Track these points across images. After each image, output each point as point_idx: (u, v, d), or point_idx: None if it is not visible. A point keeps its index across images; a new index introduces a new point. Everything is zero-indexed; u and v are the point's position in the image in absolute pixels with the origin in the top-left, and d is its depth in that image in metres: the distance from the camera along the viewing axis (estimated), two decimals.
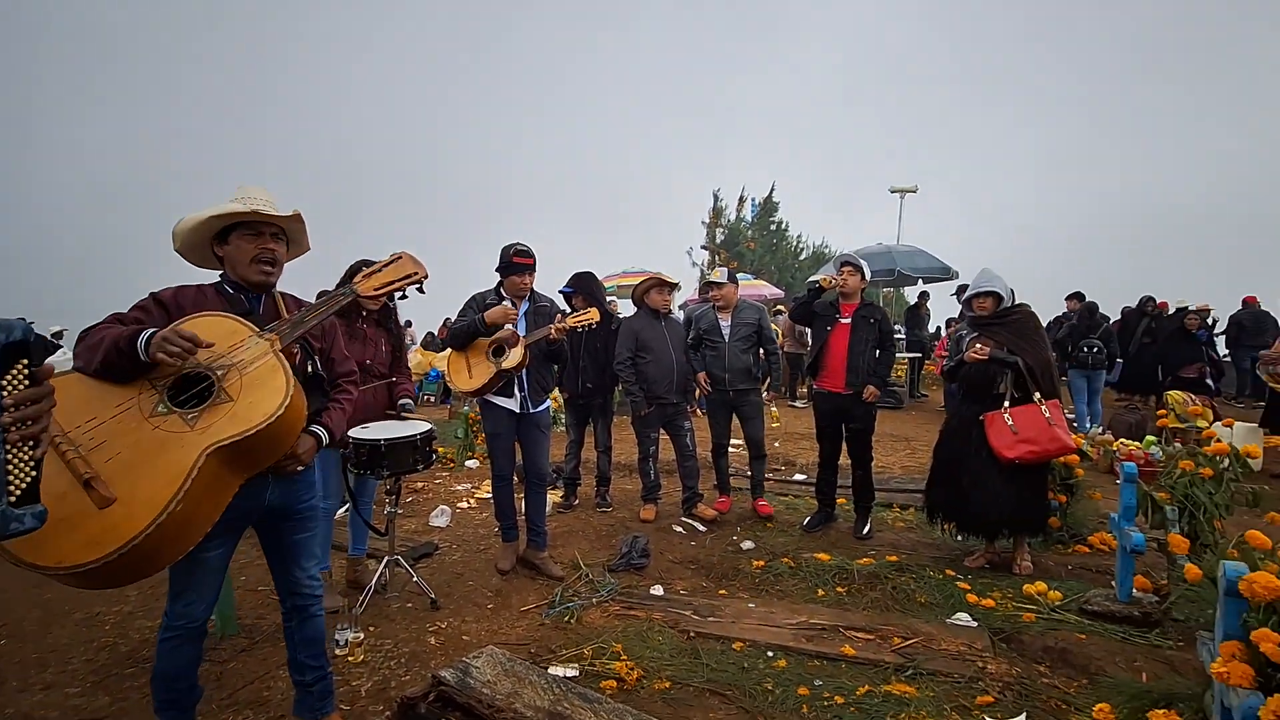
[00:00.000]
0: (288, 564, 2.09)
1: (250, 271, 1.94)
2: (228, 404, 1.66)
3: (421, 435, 2.98)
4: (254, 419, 1.64)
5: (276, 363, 1.75)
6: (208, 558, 1.86)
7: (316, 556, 2.16)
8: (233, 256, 1.94)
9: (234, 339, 1.76)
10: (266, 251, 1.94)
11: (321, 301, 2.02)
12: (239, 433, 1.62)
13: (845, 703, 2.35)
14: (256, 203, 1.94)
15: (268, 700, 2.39)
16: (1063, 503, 3.88)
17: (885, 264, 10.37)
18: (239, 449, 1.64)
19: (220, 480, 1.66)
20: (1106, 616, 2.90)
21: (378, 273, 2.15)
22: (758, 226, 19.76)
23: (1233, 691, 1.71)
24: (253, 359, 1.74)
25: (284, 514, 2.02)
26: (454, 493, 5.27)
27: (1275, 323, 9.47)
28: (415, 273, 2.18)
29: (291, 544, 2.07)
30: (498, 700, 2.20)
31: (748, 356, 4.39)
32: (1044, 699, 2.37)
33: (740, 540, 4.07)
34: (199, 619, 1.91)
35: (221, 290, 1.97)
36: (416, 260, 2.20)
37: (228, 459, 1.64)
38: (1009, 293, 3.52)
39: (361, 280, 2.12)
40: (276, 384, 1.71)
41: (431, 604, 3.15)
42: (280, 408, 1.66)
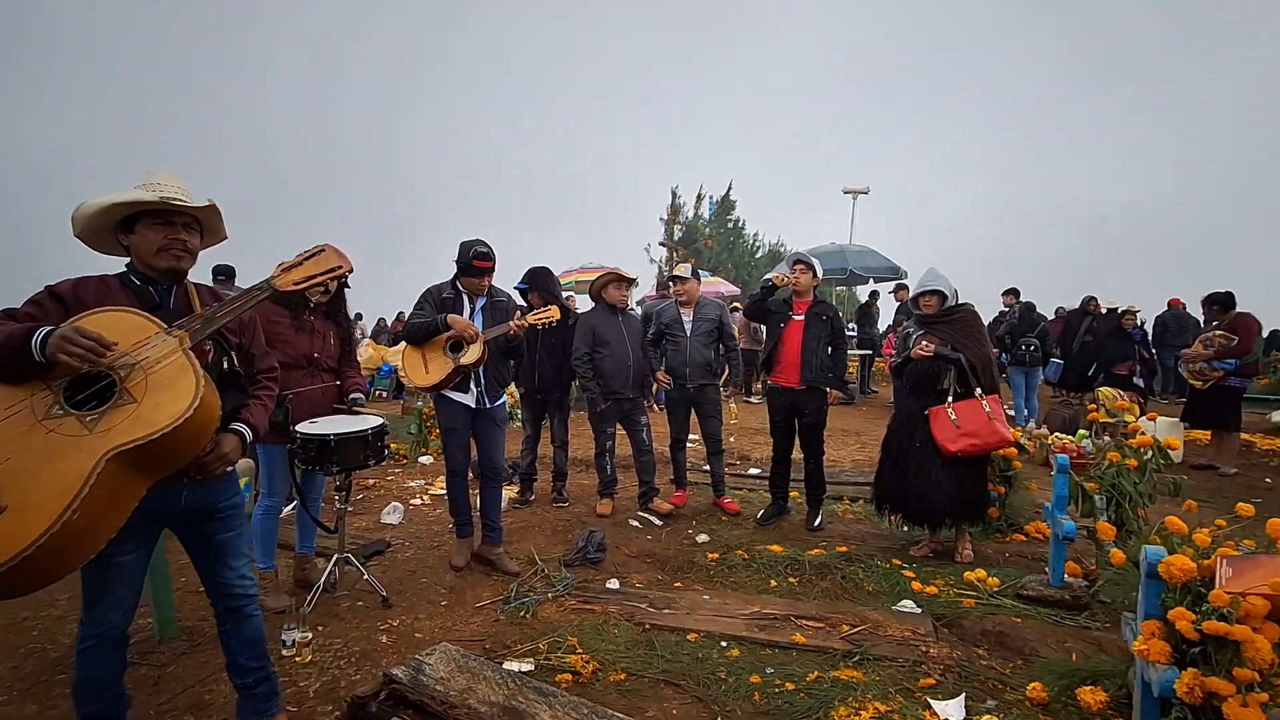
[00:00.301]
0: (214, 565, 1.98)
1: (159, 260, 1.82)
2: (131, 405, 1.55)
3: (373, 430, 2.91)
4: (159, 422, 1.53)
5: (185, 362, 1.64)
6: (121, 562, 1.76)
7: (245, 555, 2.05)
8: (139, 246, 1.82)
9: (138, 336, 1.64)
10: (176, 242, 1.83)
11: (237, 296, 1.88)
12: (143, 437, 1.51)
13: (796, 689, 2.41)
14: (166, 190, 1.81)
15: (209, 704, 2.31)
16: (1001, 493, 4.06)
17: (838, 263, 10.62)
18: (144, 453, 1.53)
19: (125, 485, 1.56)
20: (1040, 601, 3.05)
21: (298, 266, 2.01)
22: (715, 224, 19.97)
23: (1152, 667, 1.83)
24: (159, 357, 1.62)
25: (204, 514, 1.92)
26: (407, 489, 5.18)
27: (1196, 323, 10.08)
28: (339, 266, 2.06)
29: (217, 544, 1.96)
30: (451, 697, 2.19)
31: (708, 352, 4.45)
32: (982, 680, 2.48)
33: (696, 534, 4.12)
34: (118, 626, 1.81)
35: (127, 282, 1.84)
36: (340, 253, 2.08)
37: (132, 463, 1.54)
38: (953, 292, 3.66)
39: (280, 274, 1.97)
40: (185, 384, 1.60)
41: (383, 602, 3.09)
42: (189, 410, 1.56)
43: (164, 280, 1.87)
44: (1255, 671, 1.59)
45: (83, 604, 1.79)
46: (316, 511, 3.21)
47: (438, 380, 3.27)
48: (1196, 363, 5.80)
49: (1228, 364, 5.64)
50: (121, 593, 1.79)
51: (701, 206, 20.21)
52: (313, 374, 3.05)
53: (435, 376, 3.28)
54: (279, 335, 2.95)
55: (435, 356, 3.32)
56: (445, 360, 3.28)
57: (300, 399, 2.98)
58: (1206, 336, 5.80)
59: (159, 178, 1.85)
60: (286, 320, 3.00)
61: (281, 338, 2.95)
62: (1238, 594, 1.67)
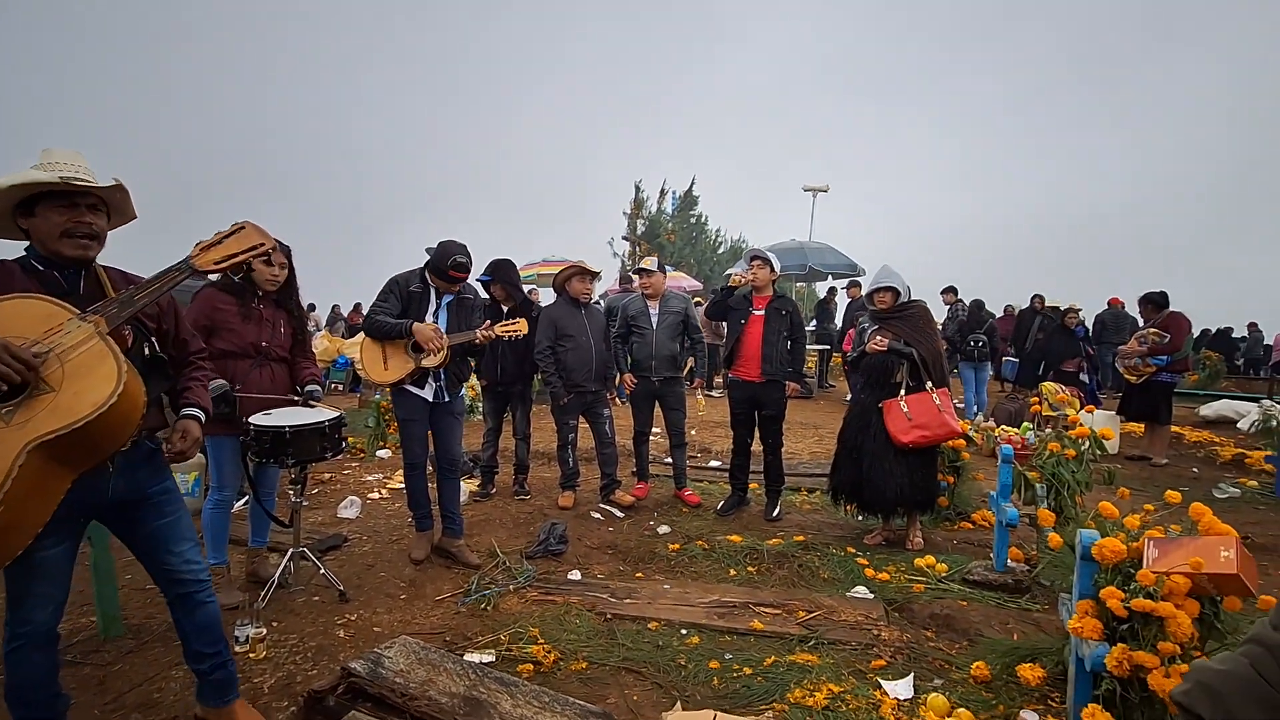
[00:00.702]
0: (156, 552, 1.91)
1: (63, 246, 1.72)
2: (48, 395, 1.49)
3: (330, 422, 2.86)
4: (80, 410, 1.48)
5: (104, 348, 1.57)
6: (45, 557, 1.69)
7: (189, 540, 1.97)
8: (40, 230, 1.72)
9: (50, 323, 1.57)
10: (82, 225, 1.73)
11: (154, 278, 1.79)
12: (64, 426, 1.46)
13: (753, 673, 2.47)
14: (66, 169, 1.71)
15: (158, 702, 2.25)
16: (950, 483, 4.21)
17: (798, 260, 10.80)
18: (67, 443, 1.48)
19: (48, 477, 1.50)
20: (985, 585, 3.19)
21: (218, 245, 1.92)
22: (678, 219, 20.05)
23: (1085, 644, 1.94)
24: (75, 344, 1.55)
25: (135, 504, 1.86)
26: (364, 483, 5.09)
27: (1134, 322, 10.59)
28: (260, 244, 1.97)
29: (154, 532, 1.90)
30: (411, 689, 2.18)
31: (674, 345, 4.50)
32: (930, 660, 2.59)
33: (657, 525, 4.17)
34: (45, 624, 1.75)
35: (29, 267, 1.74)
36: (261, 230, 2.00)
37: (55, 454, 1.48)
38: (905, 288, 3.78)
39: (199, 253, 1.88)
40: (105, 371, 1.54)
41: (340, 596, 3.04)
42: (112, 396, 1.50)
43: (70, 265, 1.77)
44: (1177, 645, 1.71)
45: (6, 604, 1.72)
46: (271, 505, 3.14)
47: (396, 379, 3.25)
48: (1132, 358, 6.11)
49: (1160, 360, 5.96)
50: (47, 589, 1.73)
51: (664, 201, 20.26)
52: (261, 363, 2.97)
53: (394, 375, 3.25)
54: (225, 323, 2.87)
55: (396, 354, 3.28)
56: (406, 360, 3.25)
57: (249, 389, 2.90)
58: (1141, 334, 6.12)
59: (57, 156, 1.75)
60: (233, 308, 2.90)
61: (228, 325, 2.87)
62: (1163, 573, 1.78)
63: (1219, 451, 6.36)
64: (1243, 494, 5.12)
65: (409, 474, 3.51)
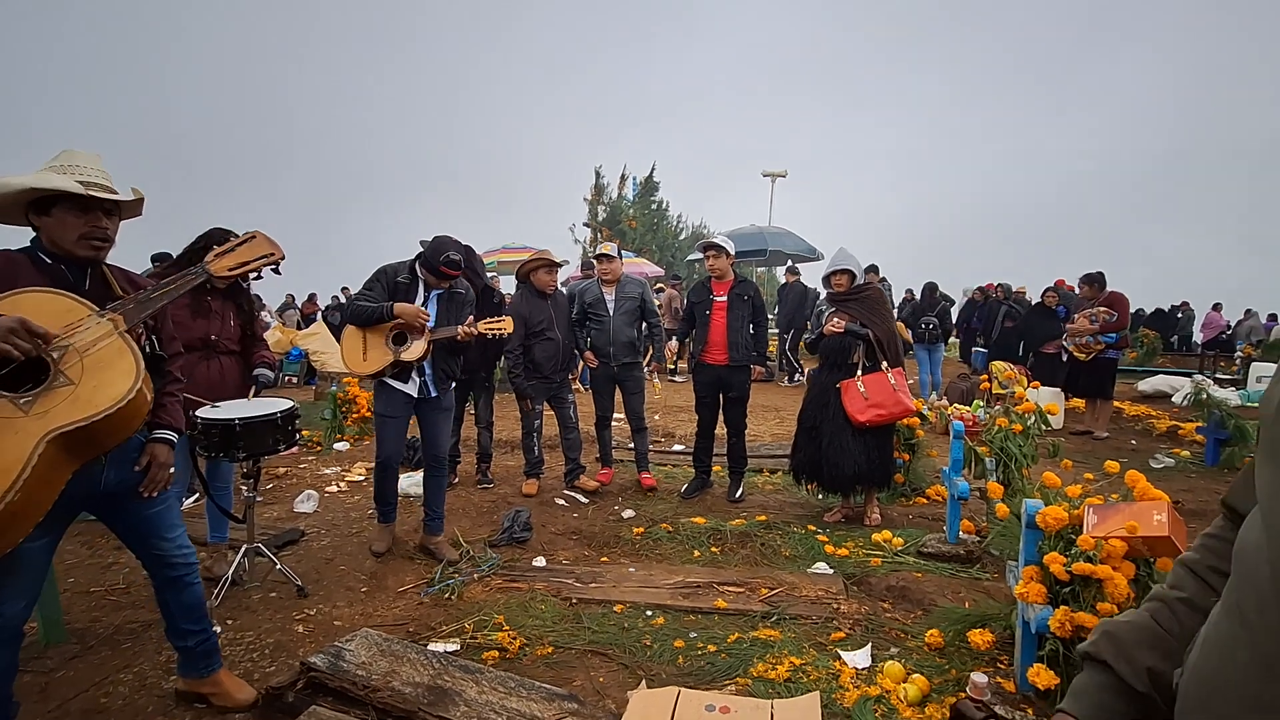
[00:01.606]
0: (149, 539, 1.97)
1: (77, 248, 1.76)
2: (68, 388, 1.56)
3: (282, 413, 2.78)
4: (100, 404, 1.55)
5: (123, 344, 1.66)
6: (29, 549, 1.67)
7: (179, 526, 2.05)
8: (54, 230, 1.74)
9: (69, 318, 1.64)
10: (98, 230, 1.78)
11: (171, 280, 1.90)
12: (85, 418, 1.53)
13: (717, 650, 2.52)
14: (87, 173, 1.74)
15: (106, 708, 2.17)
16: (906, 460, 4.34)
17: (757, 244, 10.89)
18: (83, 435, 1.55)
19: (56, 469, 1.55)
20: (939, 557, 3.30)
21: (231, 252, 2.08)
22: (639, 205, 19.99)
23: (1030, 608, 2.03)
24: (94, 340, 1.63)
25: (126, 494, 1.89)
26: (322, 476, 4.97)
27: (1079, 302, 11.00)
28: (271, 253, 2.14)
29: (147, 520, 1.95)
30: (374, 680, 2.15)
31: (632, 330, 4.49)
32: (887, 630, 2.67)
33: (622, 510, 4.19)
34: (15, 619, 1.72)
35: (38, 260, 1.75)
36: (271, 240, 2.16)
37: (68, 445, 1.55)
38: (860, 270, 3.85)
39: (214, 260, 2.05)
40: (125, 366, 1.63)
41: (298, 592, 2.98)
42: (131, 391, 1.59)
43: (80, 263, 1.81)
44: (1115, 605, 1.80)
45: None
46: (227, 501, 3.04)
47: (374, 370, 3.12)
48: (1083, 336, 6.32)
49: (1110, 337, 6.21)
50: (24, 581, 1.73)
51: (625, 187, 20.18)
52: (208, 356, 2.87)
53: (372, 366, 3.12)
54: (175, 318, 2.75)
55: (376, 345, 3.14)
56: (385, 352, 3.12)
57: (198, 382, 2.80)
58: (1091, 312, 6.33)
59: (78, 159, 1.78)
60: (182, 301, 2.80)
61: (175, 320, 2.75)
62: (1101, 538, 1.87)
63: (1155, 424, 6.69)
64: (1176, 463, 5.42)
65: (379, 473, 3.36)
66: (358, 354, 3.15)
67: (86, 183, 1.73)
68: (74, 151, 1.81)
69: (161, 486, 1.93)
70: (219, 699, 2.14)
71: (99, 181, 1.77)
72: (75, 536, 3.56)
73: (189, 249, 2.79)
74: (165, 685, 2.26)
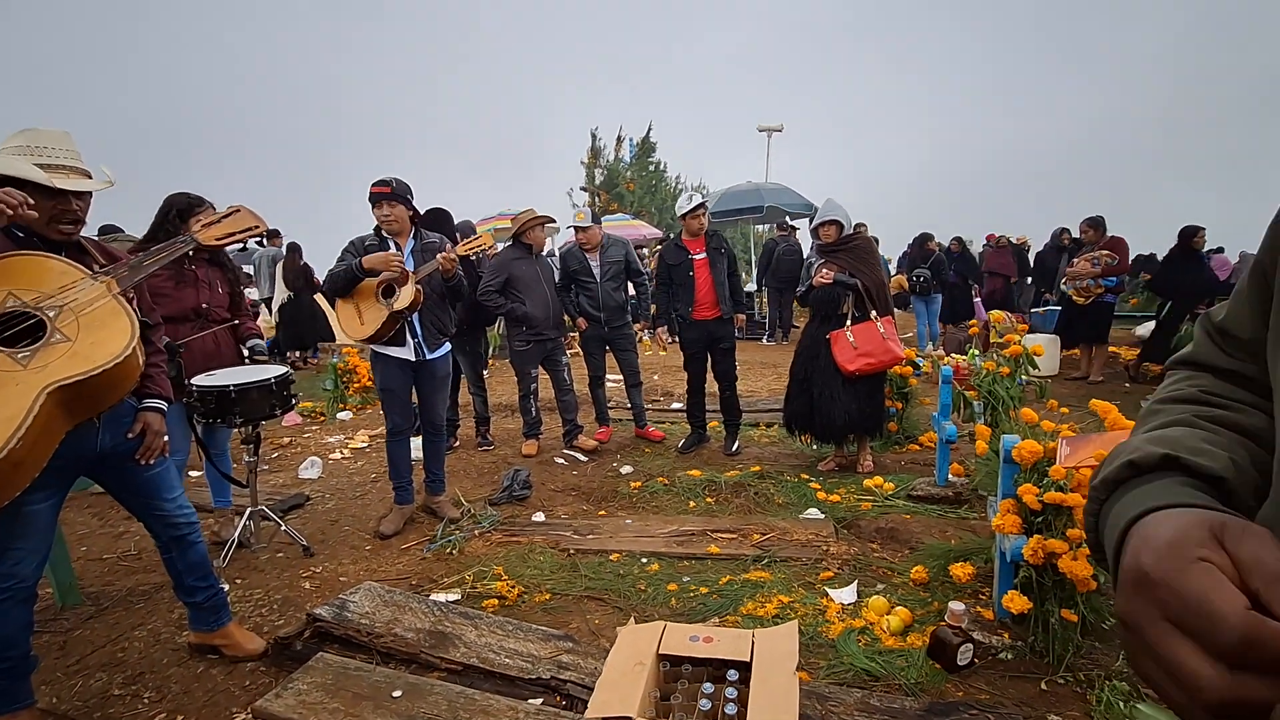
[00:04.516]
0: (149, 500, 2.04)
1: (49, 231, 1.78)
2: (65, 344, 1.62)
3: (276, 378, 2.83)
4: (98, 359, 1.61)
5: (117, 305, 1.72)
6: (34, 510, 1.74)
7: (178, 486, 2.13)
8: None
9: (64, 280, 1.69)
10: (68, 213, 1.79)
11: (161, 248, 1.97)
12: (82, 372, 1.58)
13: (709, 592, 2.61)
14: (54, 155, 1.74)
15: (123, 661, 2.28)
16: (899, 409, 4.39)
17: (754, 201, 10.77)
18: (80, 390, 1.60)
19: (54, 422, 1.60)
20: (928, 499, 3.37)
21: (217, 224, 2.17)
22: (636, 167, 19.70)
23: (1006, 538, 2.09)
24: (89, 300, 1.69)
25: (124, 456, 1.95)
26: (325, 445, 5.06)
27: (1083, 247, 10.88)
28: (255, 225, 2.23)
29: (145, 481, 2.02)
30: (377, 628, 2.25)
31: (620, 294, 4.52)
32: (874, 569, 2.75)
33: (620, 466, 4.26)
34: (29, 579, 1.79)
35: (12, 235, 1.75)
36: (254, 214, 2.25)
37: (65, 400, 1.60)
38: (849, 221, 3.83)
39: (201, 230, 2.13)
40: (120, 325, 1.69)
41: (304, 551, 3.07)
42: (127, 348, 1.65)
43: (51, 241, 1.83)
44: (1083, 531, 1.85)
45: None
46: (226, 466, 3.11)
47: (375, 330, 3.06)
48: (1084, 279, 6.23)
49: (1111, 281, 6.13)
50: (33, 542, 1.78)
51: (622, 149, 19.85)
52: (202, 326, 2.89)
53: (371, 327, 3.07)
54: (160, 289, 2.77)
55: (369, 305, 3.10)
56: (379, 308, 3.06)
57: (194, 352, 2.84)
58: (1093, 255, 6.21)
59: (43, 138, 1.76)
60: (166, 272, 2.81)
61: (162, 291, 2.77)
62: (1073, 468, 1.92)
63: (1149, 368, 6.70)
64: None
65: (391, 440, 3.37)
66: (355, 321, 3.13)
67: (51, 166, 1.71)
68: (39, 130, 1.77)
69: (158, 452, 1.99)
70: (230, 649, 2.24)
71: (66, 164, 1.75)
72: (86, 509, 3.67)
73: (159, 220, 2.79)
74: (178, 639, 2.37)
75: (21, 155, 1.71)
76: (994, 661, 2.07)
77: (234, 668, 2.22)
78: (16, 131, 1.79)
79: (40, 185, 1.69)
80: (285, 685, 1.97)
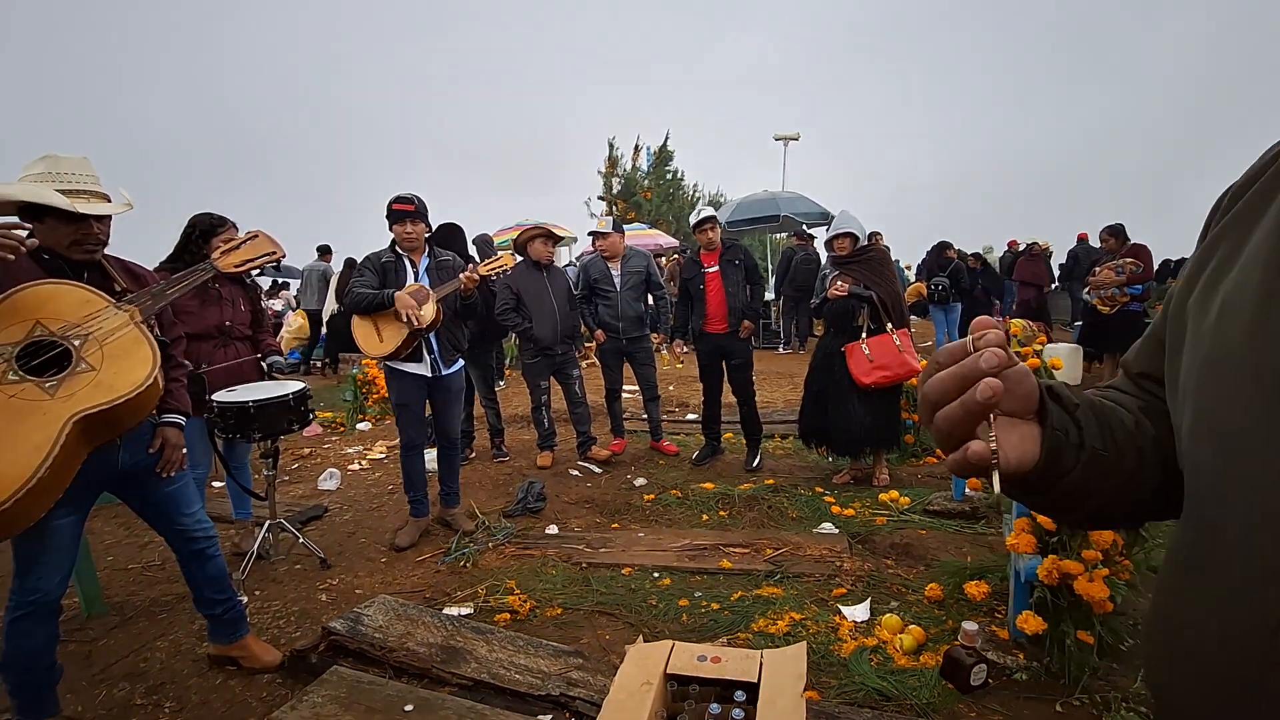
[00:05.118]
0: (168, 515, 2.09)
1: (71, 252, 1.85)
2: (90, 373, 1.67)
3: (294, 394, 2.89)
4: (122, 389, 1.66)
5: (139, 334, 1.77)
6: (57, 526, 1.80)
7: (198, 502, 2.18)
8: (47, 236, 1.80)
9: (89, 309, 1.74)
10: (90, 237, 1.86)
11: (182, 275, 2.04)
12: (107, 401, 1.63)
13: (720, 608, 2.60)
14: (74, 180, 1.81)
15: (145, 671, 2.33)
16: (916, 421, 4.33)
17: (770, 210, 10.75)
18: (104, 417, 1.64)
19: (78, 449, 1.65)
20: (944, 514, 3.33)
21: (237, 249, 2.23)
22: (654, 176, 19.77)
23: (1021, 558, 2.06)
24: (112, 330, 1.74)
25: (143, 473, 2.00)
26: (344, 456, 5.13)
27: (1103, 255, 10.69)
28: (274, 251, 2.29)
29: (163, 498, 2.07)
30: (390, 642, 2.28)
31: (639, 304, 4.54)
32: (888, 585, 2.72)
33: (634, 478, 4.27)
34: (53, 593, 1.84)
35: (37, 256, 1.81)
36: (273, 239, 2.31)
37: (89, 427, 1.65)
38: (863, 233, 3.82)
39: (220, 256, 2.19)
40: (142, 354, 1.74)
41: (321, 563, 3.12)
42: (149, 377, 1.70)
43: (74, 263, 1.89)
44: (1099, 552, 1.82)
45: (15, 574, 1.81)
46: (247, 480, 3.18)
47: (394, 348, 3.12)
48: (1108, 288, 6.11)
49: (1136, 289, 6.01)
50: (57, 558, 1.83)
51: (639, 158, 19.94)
52: (225, 343, 2.97)
53: (390, 345, 3.13)
54: (184, 307, 2.84)
55: (388, 324, 3.15)
56: (399, 327, 3.12)
57: (216, 369, 2.91)
58: (1118, 264, 6.10)
59: (63, 165, 1.83)
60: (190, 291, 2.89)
61: (187, 309, 2.84)
62: None
63: None
64: None
65: (405, 455, 3.40)
66: (373, 339, 3.18)
67: (73, 191, 1.78)
68: (59, 157, 1.83)
69: (177, 466, 2.05)
70: (248, 661, 2.29)
71: (86, 189, 1.82)
72: (112, 519, 3.76)
73: (184, 240, 2.88)
74: (198, 651, 2.42)
75: (44, 181, 1.78)
76: (1008, 682, 2.03)
77: (251, 679, 2.26)
78: (37, 159, 1.85)
79: (63, 210, 1.76)
80: (300, 698, 2.00)
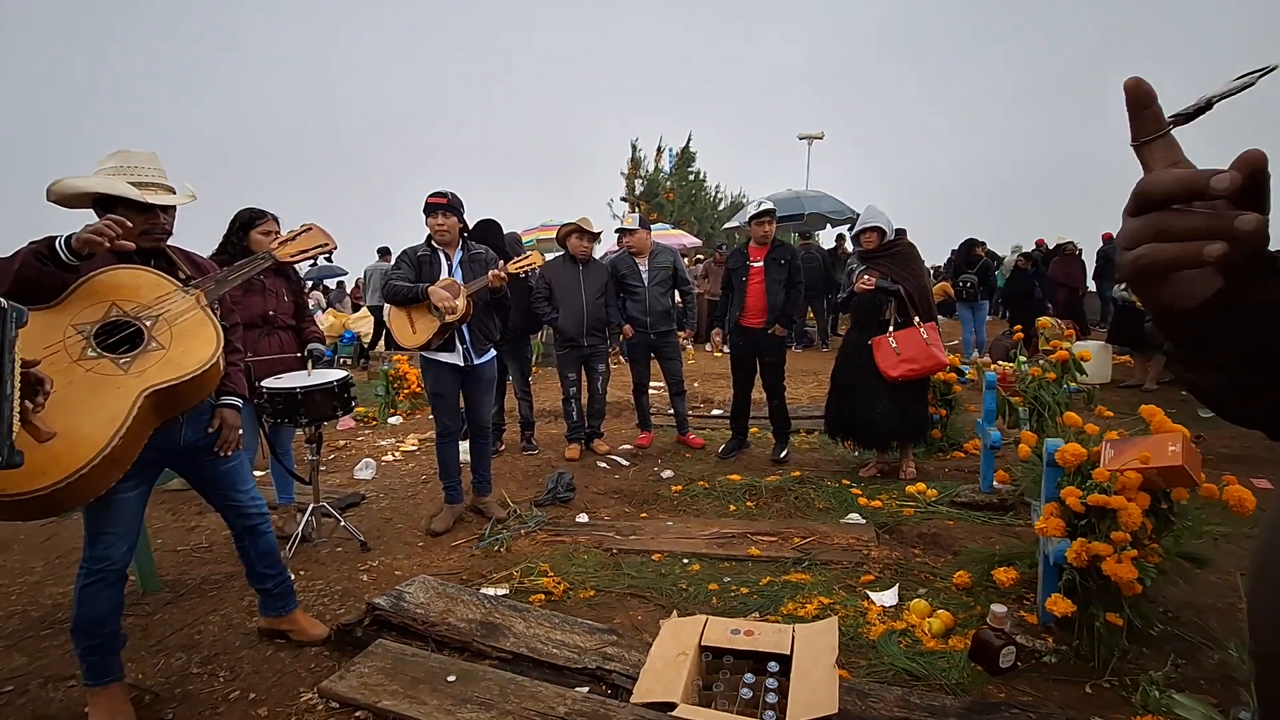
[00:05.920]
0: (225, 492, 2.21)
1: (140, 241, 1.96)
2: (159, 351, 1.79)
3: (339, 382, 3.00)
4: (188, 366, 1.78)
5: (205, 316, 1.89)
6: (124, 499, 1.91)
7: (251, 480, 2.30)
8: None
9: (159, 292, 1.87)
10: (158, 228, 1.98)
11: (244, 263, 2.17)
12: (176, 378, 1.75)
13: (749, 592, 2.65)
14: (144, 174, 1.93)
15: (199, 643, 2.45)
16: (943, 416, 4.34)
17: (794, 208, 10.74)
18: (173, 394, 1.77)
19: (147, 422, 1.77)
20: (972, 506, 3.34)
21: (292, 241, 2.35)
22: (676, 177, 19.82)
23: (1050, 542, 2.09)
24: (180, 312, 1.86)
25: (204, 450, 2.11)
26: (378, 447, 5.27)
27: None
28: (326, 243, 2.40)
29: (220, 475, 2.18)
30: (432, 617, 2.37)
31: (666, 299, 4.62)
32: (916, 573, 2.75)
33: (661, 470, 4.33)
34: (119, 562, 1.95)
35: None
36: (325, 231, 2.42)
37: (158, 403, 1.76)
38: (890, 227, 3.84)
39: (278, 247, 2.31)
40: (208, 335, 1.86)
41: (362, 546, 3.23)
42: (214, 357, 1.82)
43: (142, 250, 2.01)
44: (1128, 534, 1.85)
45: (86, 541, 1.93)
46: (289, 463, 3.31)
47: (426, 339, 3.25)
48: None
49: None
50: (123, 529, 1.95)
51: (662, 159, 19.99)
52: (269, 332, 3.10)
53: (423, 336, 3.25)
54: (230, 296, 2.98)
55: (421, 316, 3.28)
56: (431, 319, 3.24)
57: (261, 356, 3.04)
58: None
59: (134, 159, 1.95)
60: None
61: (233, 299, 2.98)
62: (1116, 470, 1.91)
63: None
64: None
65: (440, 442, 3.50)
66: (407, 329, 3.32)
67: (143, 184, 1.91)
68: (130, 151, 1.97)
69: (234, 445, 2.16)
70: (296, 634, 2.40)
71: (155, 181, 1.95)
72: (161, 504, 3.92)
73: (228, 233, 3.03)
74: (249, 624, 2.54)
75: (117, 174, 1.91)
76: (1037, 665, 2.06)
77: (300, 651, 2.37)
78: (110, 154, 1.99)
79: (133, 201, 1.88)
80: (348, 668, 2.10)
